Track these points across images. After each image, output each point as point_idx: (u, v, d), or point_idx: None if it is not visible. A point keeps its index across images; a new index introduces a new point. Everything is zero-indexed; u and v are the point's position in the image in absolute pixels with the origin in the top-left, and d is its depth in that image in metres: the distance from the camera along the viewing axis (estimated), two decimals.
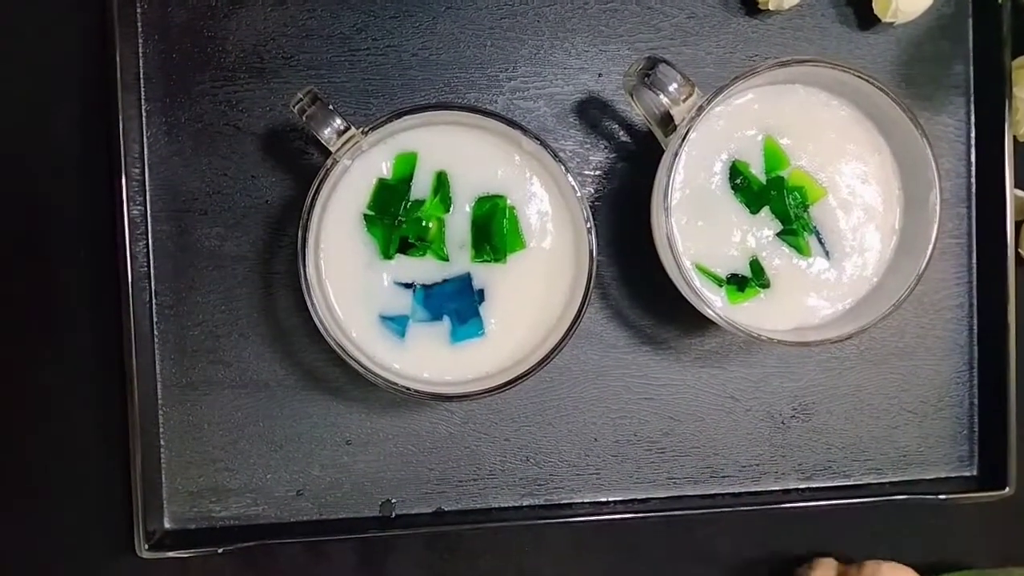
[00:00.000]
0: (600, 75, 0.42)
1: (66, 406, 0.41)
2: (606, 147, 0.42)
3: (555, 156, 0.36)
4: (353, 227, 0.37)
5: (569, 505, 0.43)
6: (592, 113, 0.42)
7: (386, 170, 0.37)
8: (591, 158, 0.42)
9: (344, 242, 0.37)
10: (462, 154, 0.37)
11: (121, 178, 0.39)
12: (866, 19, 0.43)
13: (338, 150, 0.35)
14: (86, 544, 0.41)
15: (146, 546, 0.39)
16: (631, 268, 0.42)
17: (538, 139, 0.36)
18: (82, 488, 0.41)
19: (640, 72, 0.36)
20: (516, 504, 0.42)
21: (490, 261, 0.37)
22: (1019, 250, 0.44)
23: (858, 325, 0.36)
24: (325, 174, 0.35)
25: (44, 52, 0.40)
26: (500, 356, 0.37)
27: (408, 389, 0.35)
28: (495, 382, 0.36)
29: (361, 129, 0.36)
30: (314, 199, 0.35)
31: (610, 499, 0.43)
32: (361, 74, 0.41)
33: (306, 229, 0.35)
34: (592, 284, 0.36)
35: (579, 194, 0.36)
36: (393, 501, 0.42)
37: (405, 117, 0.36)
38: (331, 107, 0.35)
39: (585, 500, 0.43)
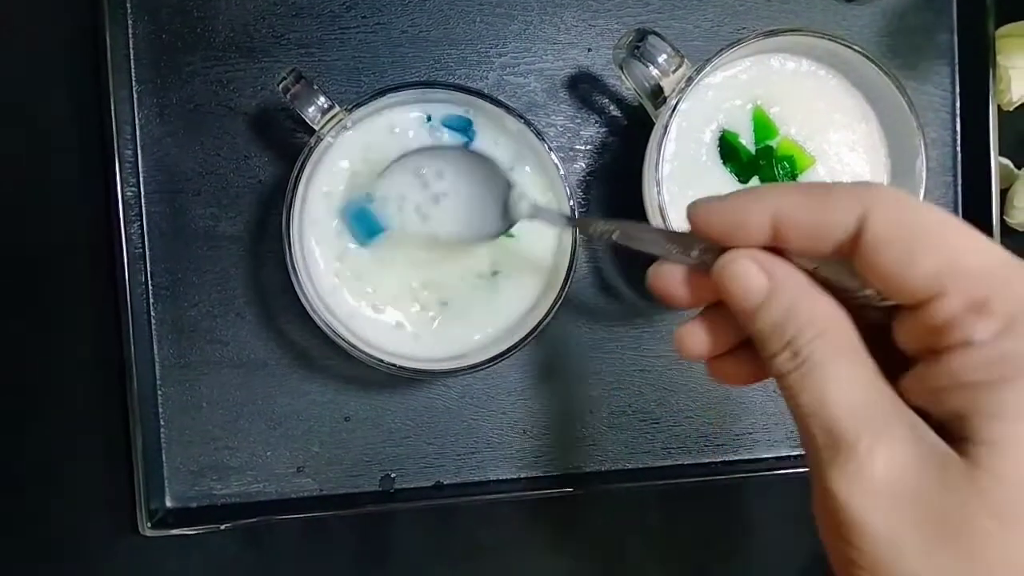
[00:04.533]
0: (590, 50, 0.42)
1: (65, 389, 0.41)
2: (597, 121, 0.43)
3: (538, 135, 0.36)
4: (338, 205, 0.37)
5: (566, 476, 0.43)
6: (582, 88, 0.42)
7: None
8: (582, 133, 0.42)
9: (329, 220, 0.37)
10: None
11: (114, 160, 0.39)
12: None
13: (321, 128, 0.35)
14: (90, 523, 0.41)
15: (149, 524, 0.39)
16: None
17: (522, 118, 0.36)
18: (84, 468, 0.41)
19: (630, 44, 0.36)
20: (514, 476, 0.43)
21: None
22: (1004, 217, 0.44)
23: None
24: (309, 152, 0.35)
25: (34, 35, 0.40)
26: (489, 332, 0.37)
27: (393, 365, 0.36)
28: (484, 356, 0.36)
29: (345, 107, 0.36)
30: (298, 178, 0.35)
31: (606, 470, 0.44)
32: (351, 52, 0.41)
33: (290, 209, 0.35)
34: (575, 260, 0.36)
35: (562, 172, 0.36)
36: (392, 475, 0.42)
37: (389, 95, 0.36)
38: (315, 86, 0.35)
39: (582, 471, 0.43)
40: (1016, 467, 0.18)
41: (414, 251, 0.37)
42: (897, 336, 0.21)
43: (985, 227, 0.43)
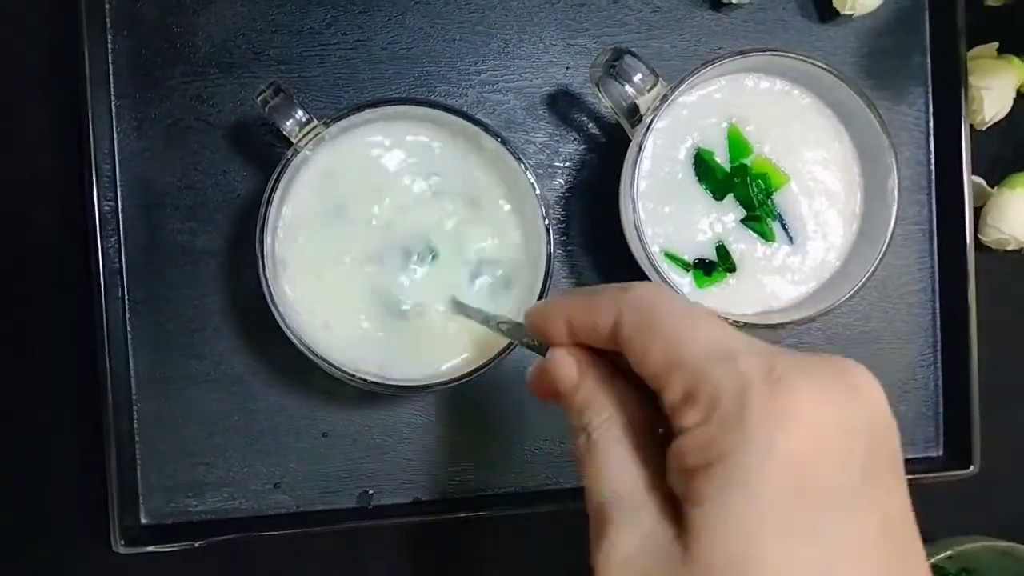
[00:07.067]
0: (568, 68, 0.43)
1: (40, 403, 0.41)
2: (575, 139, 0.43)
3: (515, 155, 0.36)
4: (314, 220, 0.37)
5: (547, 492, 0.43)
6: (561, 106, 0.43)
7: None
8: (561, 150, 0.43)
9: (304, 235, 0.37)
10: (425, 148, 0.37)
11: (91, 174, 0.39)
12: (826, 12, 0.44)
13: (299, 141, 0.35)
14: (63, 540, 0.41)
15: (122, 541, 0.39)
16: (604, 257, 0.43)
17: (499, 136, 0.36)
18: (58, 484, 0.41)
19: (606, 63, 0.37)
20: (494, 492, 0.43)
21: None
22: (978, 235, 0.45)
23: (822, 307, 0.37)
24: (285, 165, 0.35)
25: (13, 48, 0.40)
26: (466, 348, 0.37)
27: (367, 381, 0.35)
28: (460, 372, 0.36)
29: (323, 120, 0.36)
30: (272, 191, 0.35)
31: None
32: (331, 68, 0.41)
33: (264, 223, 0.35)
34: (550, 279, 0.36)
35: (537, 192, 0.36)
36: (371, 492, 0.42)
37: (368, 110, 0.36)
38: (294, 99, 0.36)
39: (563, 487, 0.43)
40: (713, 553, 0.19)
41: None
42: None
43: (959, 246, 0.44)
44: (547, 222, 0.36)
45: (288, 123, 0.35)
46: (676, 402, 0.20)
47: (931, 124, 0.45)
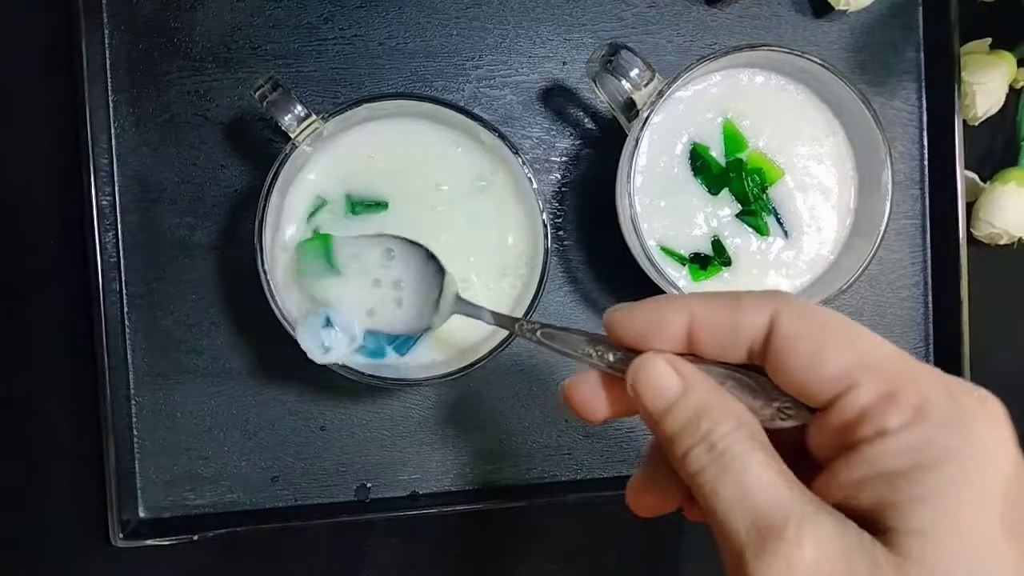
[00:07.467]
0: (565, 63, 0.43)
1: (39, 398, 0.41)
2: (572, 133, 0.43)
3: (513, 149, 0.36)
4: (312, 214, 0.37)
5: (542, 486, 0.43)
6: (558, 100, 0.43)
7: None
8: (557, 144, 0.43)
9: (303, 229, 0.37)
10: (422, 144, 0.38)
11: (89, 169, 0.39)
12: (820, 7, 0.44)
13: (297, 136, 0.36)
14: (62, 534, 0.41)
15: (121, 535, 0.39)
16: (599, 251, 0.43)
17: (496, 131, 0.36)
18: (57, 479, 0.41)
19: (602, 58, 0.37)
20: (490, 485, 0.43)
21: None
22: (971, 230, 0.45)
23: (816, 301, 0.38)
24: (283, 160, 0.35)
25: (10, 43, 0.40)
26: (463, 342, 0.38)
27: (364, 374, 0.35)
28: (457, 366, 0.36)
29: (321, 116, 0.36)
30: (271, 186, 0.35)
31: (582, 478, 0.44)
32: (328, 63, 0.41)
33: (263, 217, 0.35)
34: (547, 274, 0.37)
35: (535, 186, 0.36)
36: (368, 485, 0.42)
37: (365, 105, 0.36)
38: (292, 94, 0.36)
39: (559, 480, 0.44)
40: (942, 554, 0.18)
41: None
42: (811, 442, 0.21)
43: (952, 240, 0.44)
44: (544, 216, 0.36)
45: (286, 118, 0.35)
46: (870, 404, 0.19)
47: (924, 119, 0.45)
